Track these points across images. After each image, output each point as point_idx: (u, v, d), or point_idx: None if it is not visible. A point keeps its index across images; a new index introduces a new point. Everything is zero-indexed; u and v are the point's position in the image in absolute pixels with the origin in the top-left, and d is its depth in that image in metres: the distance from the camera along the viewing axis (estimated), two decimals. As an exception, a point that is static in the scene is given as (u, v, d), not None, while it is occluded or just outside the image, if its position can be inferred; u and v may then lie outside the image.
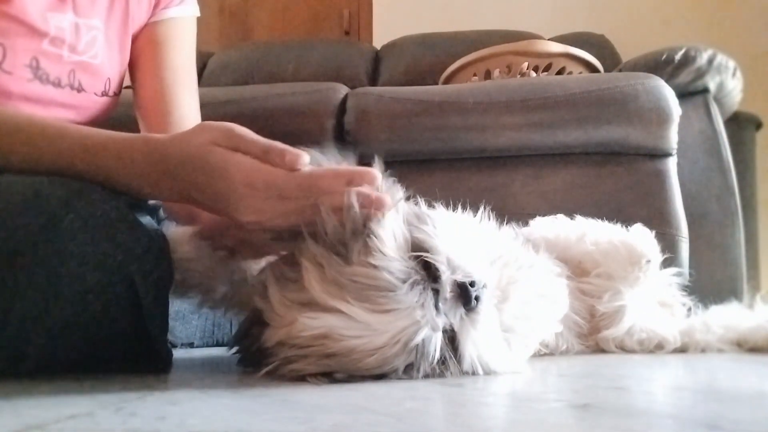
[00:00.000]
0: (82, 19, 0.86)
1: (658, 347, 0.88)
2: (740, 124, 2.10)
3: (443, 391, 0.52)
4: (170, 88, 0.97)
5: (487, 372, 0.60)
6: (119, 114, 0.98)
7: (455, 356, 0.59)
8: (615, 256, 0.86)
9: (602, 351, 0.89)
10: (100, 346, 0.61)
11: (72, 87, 0.87)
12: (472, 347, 0.59)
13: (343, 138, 1.47)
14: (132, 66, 0.99)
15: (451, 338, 0.59)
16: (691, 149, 1.47)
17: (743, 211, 1.50)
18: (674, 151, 1.38)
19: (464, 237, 0.63)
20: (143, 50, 0.97)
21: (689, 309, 0.96)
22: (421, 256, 0.58)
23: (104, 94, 0.91)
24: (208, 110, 1.07)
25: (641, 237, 0.88)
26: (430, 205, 0.67)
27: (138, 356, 0.64)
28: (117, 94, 0.94)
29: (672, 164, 1.38)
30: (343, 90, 1.54)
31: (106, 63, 0.90)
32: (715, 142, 1.49)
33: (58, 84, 0.85)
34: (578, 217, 0.94)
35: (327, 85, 1.56)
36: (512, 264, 0.67)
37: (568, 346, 0.84)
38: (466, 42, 2.11)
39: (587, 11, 2.72)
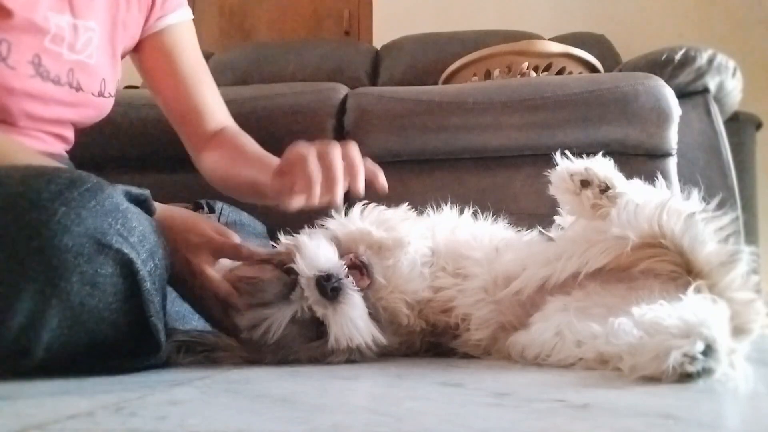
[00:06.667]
0: (80, 21, 0.88)
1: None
2: (740, 124, 2.10)
3: (443, 391, 0.52)
4: (193, 88, 1.02)
5: (358, 343, 0.70)
6: (116, 114, 1.04)
7: (327, 339, 0.70)
8: (564, 191, 0.72)
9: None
10: (101, 336, 0.61)
11: (71, 85, 0.88)
12: (339, 330, 0.69)
13: (343, 138, 1.47)
14: (147, 75, 1.04)
15: (321, 324, 0.70)
16: (691, 149, 1.47)
17: (743, 211, 1.49)
18: (674, 151, 1.37)
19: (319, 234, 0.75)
20: (154, 59, 1.02)
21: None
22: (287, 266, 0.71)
23: (100, 94, 0.94)
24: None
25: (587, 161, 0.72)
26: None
27: (134, 345, 0.64)
28: (112, 95, 0.97)
29: (672, 164, 1.38)
30: (343, 90, 1.54)
31: (100, 64, 0.93)
32: (715, 142, 1.49)
33: (57, 81, 0.86)
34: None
35: (327, 85, 1.56)
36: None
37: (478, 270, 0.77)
38: (466, 42, 2.11)
39: (587, 11, 2.72)
